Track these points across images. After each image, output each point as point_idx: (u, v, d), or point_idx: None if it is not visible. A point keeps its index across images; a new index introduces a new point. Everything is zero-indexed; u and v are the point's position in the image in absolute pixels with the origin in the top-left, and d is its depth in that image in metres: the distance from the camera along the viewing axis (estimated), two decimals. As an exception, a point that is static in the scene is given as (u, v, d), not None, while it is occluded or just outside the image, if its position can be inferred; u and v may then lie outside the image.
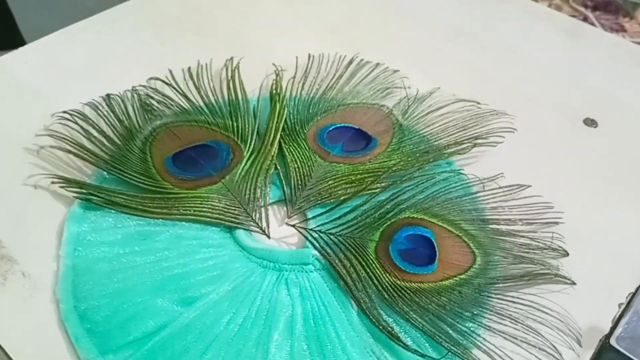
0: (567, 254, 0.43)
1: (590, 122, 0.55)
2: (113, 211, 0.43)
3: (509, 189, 0.46)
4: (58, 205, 0.44)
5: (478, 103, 0.54)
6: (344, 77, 0.56)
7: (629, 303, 0.41)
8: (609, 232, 0.46)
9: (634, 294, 0.41)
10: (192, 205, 0.43)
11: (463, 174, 0.47)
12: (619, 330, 0.39)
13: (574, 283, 0.41)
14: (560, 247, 0.43)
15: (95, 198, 0.43)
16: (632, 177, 0.51)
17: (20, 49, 0.57)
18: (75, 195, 0.43)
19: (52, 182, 0.44)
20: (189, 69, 0.55)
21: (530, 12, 0.70)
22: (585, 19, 0.78)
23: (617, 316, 0.40)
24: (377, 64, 0.58)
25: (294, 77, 0.55)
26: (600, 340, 0.39)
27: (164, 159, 0.46)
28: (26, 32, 1.28)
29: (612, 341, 0.38)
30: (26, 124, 0.49)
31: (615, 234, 0.46)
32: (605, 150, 0.53)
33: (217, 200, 0.44)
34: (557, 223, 0.45)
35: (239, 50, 0.57)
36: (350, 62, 0.58)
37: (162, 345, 0.36)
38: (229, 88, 0.53)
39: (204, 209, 0.43)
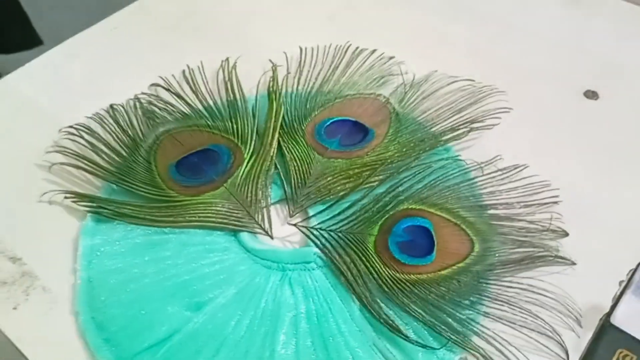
0: (567, 234, 0.43)
1: (591, 95, 0.54)
2: (122, 222, 0.45)
3: (506, 171, 0.47)
4: (72, 220, 0.46)
5: (473, 81, 0.54)
6: (340, 68, 0.56)
7: (629, 280, 0.41)
8: (609, 208, 0.46)
9: (634, 271, 0.41)
10: (196, 211, 0.45)
11: (460, 159, 0.48)
12: (620, 308, 0.39)
13: (573, 263, 0.42)
14: (559, 227, 0.43)
15: (105, 210, 0.45)
16: (634, 151, 0.50)
17: (22, 67, 0.58)
18: (86, 208, 0.45)
19: (65, 197, 0.46)
20: (183, 72, 0.56)
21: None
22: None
23: (618, 294, 0.40)
24: (374, 51, 0.58)
25: (289, 73, 0.55)
26: (601, 319, 0.39)
27: (168, 167, 0.48)
28: (42, 30, 1.30)
29: (613, 319, 0.39)
30: (36, 140, 0.51)
31: (616, 210, 0.46)
32: (606, 124, 0.52)
33: (220, 205, 0.45)
34: (555, 203, 0.45)
35: (239, 49, 0.58)
36: (346, 51, 0.58)
37: (175, 350, 0.38)
38: (226, 89, 0.54)
39: (208, 215, 0.44)
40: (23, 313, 0.41)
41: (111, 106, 0.53)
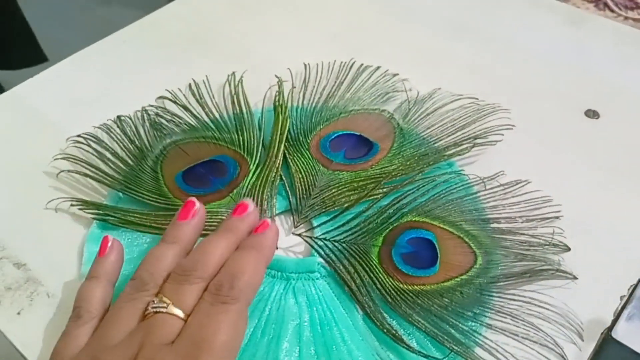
0: (569, 249, 0.43)
1: (592, 114, 0.55)
2: (129, 230, 0.45)
3: (508, 186, 0.47)
4: (78, 227, 0.46)
5: (477, 99, 0.55)
6: (345, 84, 0.57)
7: (630, 295, 0.41)
8: (611, 224, 0.46)
9: (635, 286, 0.42)
10: (202, 220, 0.45)
11: (463, 174, 0.48)
12: (621, 322, 0.40)
13: (575, 277, 0.42)
14: (561, 242, 0.44)
15: (111, 218, 0.45)
16: (633, 168, 0.51)
17: (32, 79, 0.59)
18: (92, 216, 0.46)
19: (72, 205, 0.47)
20: (189, 85, 0.57)
21: (531, 2, 0.70)
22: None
23: (619, 308, 0.41)
24: (378, 68, 0.59)
25: (294, 87, 0.56)
26: (602, 333, 0.40)
27: (175, 177, 0.48)
28: (46, 47, 1.33)
29: (614, 333, 0.39)
30: (44, 150, 0.51)
31: (617, 226, 0.46)
32: (607, 142, 0.53)
33: (226, 214, 0.45)
34: (557, 218, 0.46)
35: (245, 64, 0.59)
36: (351, 67, 0.59)
37: (179, 356, 0.38)
38: (233, 103, 0.55)
39: (214, 224, 0.45)
40: (27, 318, 0.41)
41: (118, 117, 0.54)
